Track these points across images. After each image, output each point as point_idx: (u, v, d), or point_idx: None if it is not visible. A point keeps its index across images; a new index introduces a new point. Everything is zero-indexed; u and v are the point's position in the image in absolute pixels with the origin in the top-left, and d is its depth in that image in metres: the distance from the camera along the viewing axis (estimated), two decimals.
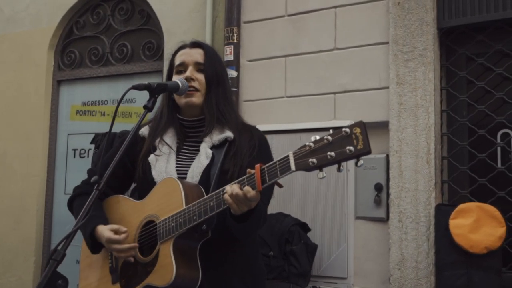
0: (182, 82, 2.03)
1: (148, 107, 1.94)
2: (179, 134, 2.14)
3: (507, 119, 3.46)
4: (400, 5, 3.67)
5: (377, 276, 3.64)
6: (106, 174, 1.83)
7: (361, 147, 1.57)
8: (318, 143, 1.64)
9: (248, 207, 1.79)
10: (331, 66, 3.91)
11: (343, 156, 1.59)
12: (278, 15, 4.19)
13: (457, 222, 3.26)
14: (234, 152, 2.04)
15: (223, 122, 2.10)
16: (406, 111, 3.58)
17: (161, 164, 2.07)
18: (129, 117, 4.97)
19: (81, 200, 2.17)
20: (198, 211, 1.86)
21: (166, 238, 1.92)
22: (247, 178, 1.77)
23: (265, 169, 1.73)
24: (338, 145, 1.60)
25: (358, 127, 1.60)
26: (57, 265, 1.59)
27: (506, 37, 3.48)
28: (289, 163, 1.67)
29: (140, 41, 4.97)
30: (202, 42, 2.23)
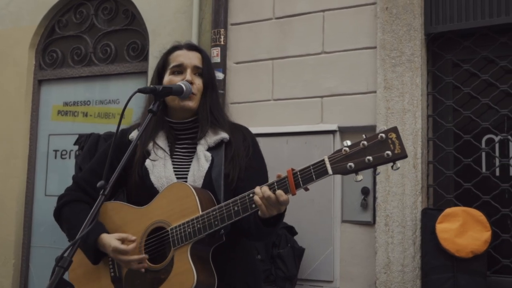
0: (186, 85, 2.01)
1: (153, 111, 1.91)
2: (169, 137, 2.12)
3: (492, 125, 3.51)
4: (388, 10, 3.69)
5: (363, 279, 3.66)
6: (112, 179, 1.79)
7: (398, 152, 1.65)
8: (354, 148, 1.70)
9: (278, 211, 1.81)
10: (319, 70, 3.92)
11: (381, 160, 1.66)
12: (265, 17, 4.18)
13: (443, 226, 3.29)
14: (232, 155, 2.04)
15: (215, 124, 2.10)
16: (393, 116, 3.61)
17: (159, 169, 2.04)
18: (112, 117, 4.91)
19: (71, 208, 2.11)
20: (220, 216, 1.85)
21: (182, 244, 1.89)
22: (277, 182, 1.78)
23: (298, 173, 1.75)
24: (375, 149, 1.67)
25: (393, 132, 1.67)
26: (63, 272, 1.55)
27: (491, 44, 3.53)
28: (325, 167, 1.72)
29: (124, 41, 4.91)
30: (198, 45, 2.21)
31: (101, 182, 1.77)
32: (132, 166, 2.06)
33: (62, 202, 2.15)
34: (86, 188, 2.14)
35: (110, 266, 2.04)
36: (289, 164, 3.96)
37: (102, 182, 1.77)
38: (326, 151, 3.78)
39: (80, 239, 1.63)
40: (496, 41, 3.52)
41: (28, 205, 5.11)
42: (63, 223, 2.15)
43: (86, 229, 1.66)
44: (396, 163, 1.67)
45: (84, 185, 2.15)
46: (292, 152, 3.91)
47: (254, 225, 1.89)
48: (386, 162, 1.66)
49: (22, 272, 5.07)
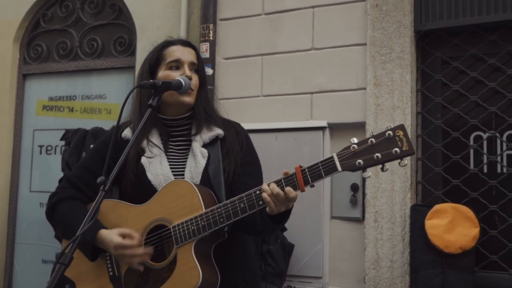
0: (185, 80, 2.00)
1: (153, 106, 1.89)
2: (162, 134, 2.10)
3: (480, 122, 3.54)
4: (378, 7, 3.70)
5: (352, 275, 3.68)
6: (112, 175, 1.77)
7: (406, 149, 1.71)
8: (362, 145, 1.74)
9: (286, 207, 1.82)
10: (308, 66, 3.91)
11: (389, 157, 1.71)
12: (255, 13, 4.17)
13: (432, 222, 3.31)
14: (227, 150, 2.04)
15: (209, 120, 2.11)
16: (383, 112, 3.62)
17: (155, 166, 2.02)
18: (98, 113, 4.86)
19: (65, 206, 2.07)
20: (225, 214, 1.84)
21: (186, 242, 1.88)
22: (285, 179, 1.80)
23: (306, 170, 1.78)
24: (383, 147, 1.71)
25: (400, 130, 1.73)
26: (65, 269, 1.53)
27: (480, 42, 3.55)
28: (334, 164, 1.76)
29: (111, 36, 4.86)
30: (190, 42, 2.21)
31: (102, 178, 1.74)
32: (126, 164, 2.02)
33: (54, 200, 2.11)
34: (79, 185, 2.11)
35: (108, 265, 2.01)
36: (278, 160, 3.97)
37: (102, 178, 1.74)
38: (315, 148, 3.82)
39: (81, 235, 1.60)
40: (485, 39, 3.54)
41: (13, 201, 5.04)
42: (57, 221, 2.10)
43: (87, 225, 1.63)
44: (403, 159, 1.72)
45: (77, 182, 2.11)
46: (282, 148, 3.90)
47: (260, 221, 1.89)
48: (394, 159, 1.72)
49: (6, 269, 5.00)
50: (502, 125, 3.47)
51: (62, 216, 2.07)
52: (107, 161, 1.81)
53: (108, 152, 1.83)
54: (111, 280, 2.00)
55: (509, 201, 3.40)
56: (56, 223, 2.12)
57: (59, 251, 4.91)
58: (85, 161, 2.17)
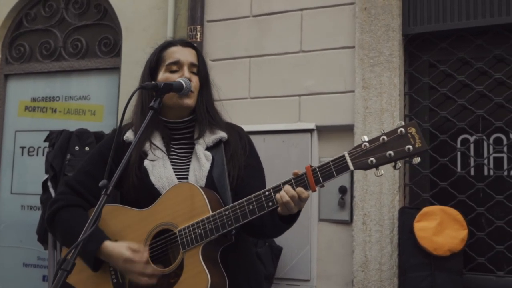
0: (186, 82, 1.97)
1: (154, 108, 1.86)
2: (165, 137, 2.06)
3: (467, 125, 3.56)
4: (366, 11, 3.71)
5: (340, 278, 3.67)
6: (114, 178, 1.72)
7: (419, 146, 1.67)
8: (374, 143, 1.72)
9: (299, 207, 1.81)
10: (297, 69, 3.91)
11: (402, 154, 1.68)
12: (242, 15, 4.15)
13: (421, 225, 3.32)
14: (231, 154, 2.01)
15: (212, 123, 2.07)
16: (371, 115, 3.63)
17: (159, 169, 1.98)
18: (83, 114, 4.79)
19: (66, 213, 2.01)
20: (234, 216, 1.81)
21: (193, 246, 1.84)
22: (295, 179, 1.78)
23: (317, 169, 1.76)
24: (395, 144, 1.68)
25: (413, 127, 1.69)
26: (67, 276, 1.48)
27: (467, 46, 3.59)
28: (346, 163, 1.73)
29: (95, 37, 4.80)
30: (191, 42, 2.18)
31: (104, 181, 1.69)
32: (128, 167, 1.97)
33: (55, 208, 2.05)
34: (81, 191, 2.05)
35: (112, 272, 1.95)
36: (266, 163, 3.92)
37: (104, 181, 1.69)
38: (303, 150, 3.82)
39: (82, 241, 1.56)
40: (472, 43, 3.58)
41: None
42: (57, 229, 2.04)
43: (89, 230, 1.58)
44: (416, 157, 1.70)
45: (78, 188, 2.05)
46: (270, 150, 3.88)
47: (271, 222, 1.87)
48: (407, 156, 1.69)
49: None
50: (489, 128, 3.51)
51: (62, 224, 2.02)
52: (109, 164, 1.76)
53: (110, 155, 1.78)
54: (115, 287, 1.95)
55: (496, 203, 3.43)
56: (56, 231, 2.05)
57: (40, 255, 4.81)
58: (86, 165, 2.10)
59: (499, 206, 3.43)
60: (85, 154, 3.97)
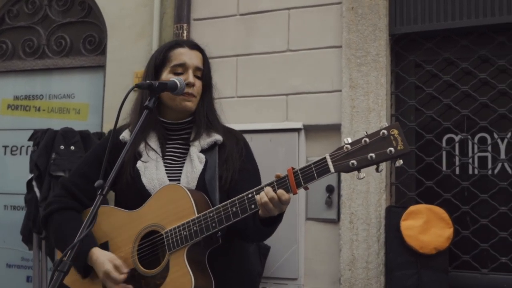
0: (180, 82, 1.96)
1: (149, 107, 1.85)
2: (160, 138, 2.06)
3: (452, 125, 3.61)
4: (353, 10, 3.73)
5: (327, 276, 3.69)
6: (109, 179, 1.71)
7: (401, 148, 1.64)
8: (356, 145, 1.69)
9: (280, 210, 1.79)
10: (284, 68, 3.91)
11: (384, 157, 1.66)
12: (229, 14, 4.15)
13: (408, 223, 3.36)
14: (225, 157, 2.00)
15: (209, 126, 2.07)
16: (358, 115, 3.65)
17: (151, 170, 1.98)
18: (67, 113, 4.75)
19: (59, 217, 2.02)
20: (218, 218, 1.80)
21: (178, 248, 1.83)
22: (277, 181, 1.76)
23: (298, 171, 1.73)
24: (377, 146, 1.66)
25: (395, 128, 1.66)
26: (63, 277, 1.47)
27: (453, 46, 3.63)
28: (327, 165, 1.70)
29: (80, 34, 4.76)
30: (199, 44, 2.16)
31: (99, 182, 1.68)
32: (123, 167, 1.97)
33: (50, 209, 2.05)
34: (76, 192, 2.05)
35: None
36: None
37: (100, 182, 1.68)
38: (291, 149, 3.83)
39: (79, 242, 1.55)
40: (457, 43, 3.62)
41: None
42: (51, 232, 2.05)
43: (85, 232, 1.58)
44: (398, 159, 1.67)
45: (73, 189, 2.05)
46: (257, 150, 3.79)
47: (253, 226, 1.86)
48: (389, 158, 1.66)
49: None
50: (474, 128, 3.55)
51: (56, 227, 2.02)
52: (104, 166, 1.75)
53: (105, 157, 1.77)
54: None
55: (481, 202, 3.48)
56: (50, 234, 2.06)
57: (24, 255, 4.75)
58: (82, 166, 2.10)
59: (484, 204, 3.47)
60: (70, 153, 3.94)
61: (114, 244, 1.94)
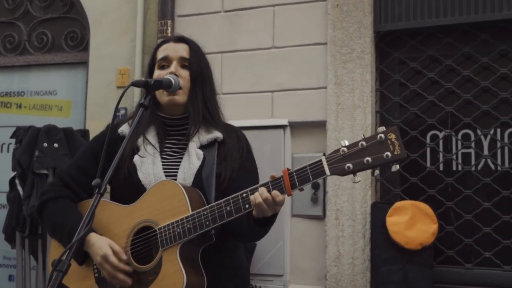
0: (175, 79, 1.94)
1: (144, 105, 1.83)
2: (160, 133, 2.04)
3: (436, 121, 3.64)
4: (338, 7, 3.74)
5: (313, 272, 3.71)
6: (107, 177, 1.70)
7: (398, 153, 1.62)
8: (352, 148, 1.67)
9: (273, 211, 1.77)
10: (269, 64, 3.91)
11: (380, 161, 1.64)
12: (214, 10, 4.13)
13: (393, 219, 3.39)
14: (225, 154, 1.98)
15: (209, 121, 2.03)
16: (343, 111, 3.66)
17: (147, 165, 1.96)
18: (49, 110, 4.69)
19: (55, 205, 2.01)
20: (211, 217, 1.79)
21: (171, 245, 1.82)
22: (272, 182, 1.74)
23: (294, 173, 1.72)
24: (374, 150, 1.64)
25: (393, 133, 1.65)
26: (62, 277, 1.45)
27: (437, 43, 3.66)
28: (323, 168, 1.69)
29: (62, 30, 4.70)
30: (186, 37, 2.14)
31: (97, 180, 1.67)
32: (121, 161, 1.95)
33: (45, 198, 2.05)
34: (71, 184, 2.04)
35: (94, 266, 1.95)
36: None
37: (97, 181, 1.67)
38: (276, 146, 3.83)
39: (79, 240, 1.53)
40: (441, 40, 3.65)
41: None
42: (46, 220, 2.05)
43: (83, 231, 1.56)
44: (394, 164, 1.64)
45: (68, 181, 2.05)
46: None
47: (247, 226, 1.84)
48: (385, 163, 1.64)
49: None
50: (458, 125, 3.59)
51: (51, 215, 2.02)
52: (102, 162, 1.73)
53: (102, 153, 1.76)
54: (96, 282, 1.94)
55: (465, 197, 3.52)
56: (45, 222, 2.06)
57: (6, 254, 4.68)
58: (79, 159, 2.09)
59: (467, 200, 3.52)
60: (54, 150, 3.89)
61: (108, 237, 1.92)
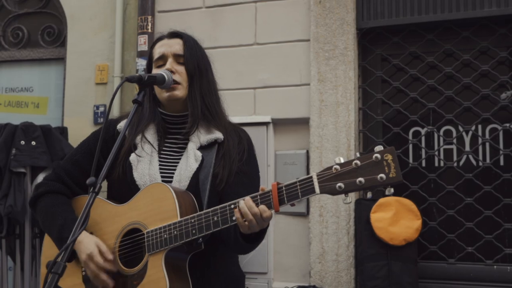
0: (168, 74, 1.89)
1: (138, 101, 1.77)
2: (160, 131, 1.98)
3: (419, 118, 3.66)
4: (321, 4, 3.74)
5: (297, 270, 3.70)
6: (102, 175, 1.64)
7: (393, 175, 1.53)
8: (345, 167, 1.58)
9: (261, 226, 1.69)
10: (251, 61, 3.89)
11: (374, 183, 1.54)
12: (195, 6, 4.09)
13: (377, 215, 3.39)
14: (222, 156, 1.91)
15: (209, 118, 1.96)
16: (327, 108, 3.66)
17: (143, 165, 1.90)
18: (25, 107, 4.58)
19: (49, 199, 1.97)
20: (198, 225, 1.72)
21: (157, 250, 1.76)
22: (261, 195, 1.66)
23: (283, 188, 1.64)
24: (367, 171, 1.55)
25: (389, 153, 1.54)
26: (58, 279, 1.40)
27: (419, 40, 3.68)
28: (312, 185, 1.60)
29: (38, 25, 4.60)
30: (181, 31, 2.08)
31: (91, 179, 1.60)
32: (118, 158, 1.91)
33: (39, 192, 2.01)
34: (66, 179, 1.99)
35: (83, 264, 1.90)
36: None
37: (92, 179, 1.60)
38: (259, 143, 3.80)
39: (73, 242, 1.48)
40: (423, 37, 3.67)
41: None
42: (38, 213, 2.01)
43: (78, 232, 1.51)
44: (389, 187, 1.55)
45: (63, 176, 2.00)
46: None
47: (234, 238, 1.77)
48: (378, 186, 1.55)
49: None
50: (440, 121, 3.62)
51: (43, 209, 1.98)
52: (96, 160, 1.67)
53: (97, 149, 1.70)
54: (83, 281, 1.90)
55: (447, 193, 3.55)
56: (38, 216, 2.02)
57: None
58: (75, 153, 2.04)
59: (450, 196, 3.55)
60: (31, 148, 3.80)
61: (98, 236, 1.88)
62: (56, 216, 1.90)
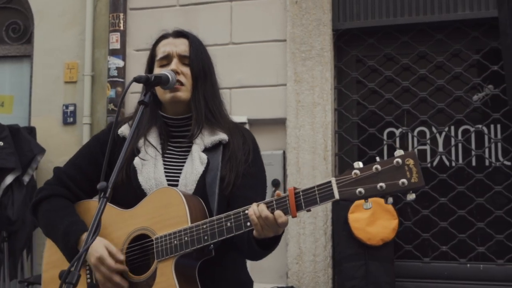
0: (172, 75, 1.83)
1: (145, 102, 1.69)
2: (162, 134, 1.91)
3: (393, 119, 3.71)
4: (297, 4, 3.73)
5: (274, 271, 3.69)
6: (112, 180, 1.56)
7: (415, 181, 1.49)
8: (365, 172, 1.54)
9: (275, 232, 1.64)
10: (227, 61, 3.84)
11: (395, 188, 1.50)
12: (168, 4, 4.03)
13: (355, 216, 3.42)
14: (228, 158, 1.85)
15: (212, 121, 1.89)
16: (303, 109, 3.66)
17: (148, 169, 1.84)
18: (1, 106, 4.41)
19: (50, 204, 1.89)
20: (211, 232, 1.66)
21: (167, 257, 1.70)
22: (277, 200, 1.61)
23: (301, 193, 1.59)
24: (389, 176, 1.51)
25: (411, 158, 1.50)
26: None
27: (394, 42, 3.73)
28: (332, 191, 1.57)
29: (2, 21, 4.44)
30: (186, 31, 2.02)
31: (102, 183, 1.52)
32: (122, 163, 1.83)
33: (40, 196, 1.92)
34: (68, 183, 1.91)
35: (87, 271, 1.81)
36: None
37: (103, 184, 1.52)
38: None
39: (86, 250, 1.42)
40: (398, 39, 3.72)
41: None
42: (40, 218, 1.92)
43: (90, 240, 1.44)
44: (410, 193, 1.51)
45: (65, 180, 1.92)
46: None
47: (247, 244, 1.72)
48: (400, 191, 1.51)
49: None
50: (414, 122, 3.67)
51: (45, 214, 1.90)
52: (105, 165, 1.60)
53: (106, 155, 1.62)
54: (88, 287, 1.82)
55: (422, 193, 3.59)
56: (39, 220, 1.94)
57: None
58: (77, 157, 1.96)
59: (424, 196, 3.60)
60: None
61: None
62: (58, 222, 1.82)
